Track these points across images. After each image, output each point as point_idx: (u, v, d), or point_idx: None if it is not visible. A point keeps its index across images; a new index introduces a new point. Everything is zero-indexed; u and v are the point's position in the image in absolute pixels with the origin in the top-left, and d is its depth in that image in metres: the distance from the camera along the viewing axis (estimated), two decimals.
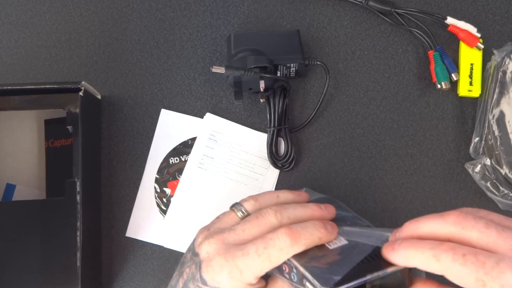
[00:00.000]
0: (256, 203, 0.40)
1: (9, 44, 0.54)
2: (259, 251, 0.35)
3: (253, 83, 0.49)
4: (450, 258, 0.30)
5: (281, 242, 0.35)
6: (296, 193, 0.42)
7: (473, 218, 0.31)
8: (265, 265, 0.35)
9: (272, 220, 0.37)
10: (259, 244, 0.35)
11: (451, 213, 0.32)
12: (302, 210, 0.38)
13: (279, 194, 0.41)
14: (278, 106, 0.50)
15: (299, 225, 0.36)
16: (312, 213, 0.39)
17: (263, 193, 0.41)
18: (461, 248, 0.30)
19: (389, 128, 0.52)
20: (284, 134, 0.50)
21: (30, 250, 0.43)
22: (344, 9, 0.54)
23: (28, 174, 0.50)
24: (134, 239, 0.50)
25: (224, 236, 0.37)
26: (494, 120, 0.48)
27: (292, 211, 0.38)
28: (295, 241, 0.35)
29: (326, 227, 0.37)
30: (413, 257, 0.31)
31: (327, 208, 0.40)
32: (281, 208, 0.38)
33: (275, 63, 0.49)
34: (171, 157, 0.52)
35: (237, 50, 0.50)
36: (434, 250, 0.31)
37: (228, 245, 0.36)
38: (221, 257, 0.36)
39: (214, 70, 0.48)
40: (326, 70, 0.51)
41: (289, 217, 0.37)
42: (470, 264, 0.29)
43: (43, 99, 0.45)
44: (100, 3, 0.54)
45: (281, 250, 0.35)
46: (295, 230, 0.35)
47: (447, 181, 0.51)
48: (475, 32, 0.51)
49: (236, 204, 0.40)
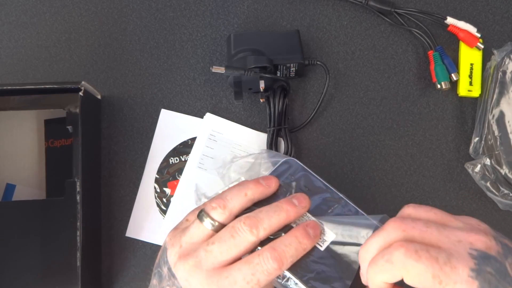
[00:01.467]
0: (224, 210, 0.36)
1: (9, 44, 0.54)
2: (246, 278, 0.34)
3: (253, 83, 0.49)
4: (403, 255, 0.30)
5: (269, 266, 0.34)
6: (264, 184, 0.38)
7: (412, 220, 0.32)
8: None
9: (249, 238, 0.35)
10: (245, 271, 0.34)
11: (388, 223, 0.32)
12: (277, 218, 0.36)
13: (247, 192, 0.37)
14: (278, 106, 0.50)
15: (282, 243, 0.35)
16: (287, 216, 0.36)
17: (228, 194, 0.37)
18: (411, 244, 0.30)
19: (389, 128, 0.52)
20: (284, 134, 0.50)
21: (30, 250, 0.43)
22: (344, 9, 0.54)
23: (28, 174, 0.50)
24: (134, 239, 0.50)
25: (200, 260, 0.35)
26: (494, 120, 0.48)
27: (267, 221, 0.35)
28: (282, 262, 0.34)
29: (308, 234, 0.36)
30: (376, 276, 0.31)
31: (300, 202, 0.37)
32: (256, 222, 0.35)
33: (275, 63, 0.49)
34: (171, 157, 0.52)
35: (237, 50, 0.50)
36: (386, 256, 0.31)
37: (208, 272, 0.35)
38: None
39: (214, 70, 0.48)
40: (326, 70, 0.51)
41: (265, 228, 0.35)
42: (425, 259, 0.29)
43: (43, 99, 0.45)
44: (100, 3, 0.54)
45: (270, 273, 0.34)
46: (280, 251, 0.34)
47: (447, 181, 0.51)
48: (475, 32, 0.51)
49: (203, 213, 0.37)
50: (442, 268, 0.29)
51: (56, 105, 0.45)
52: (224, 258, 0.35)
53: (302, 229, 0.36)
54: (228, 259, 0.35)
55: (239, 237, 0.35)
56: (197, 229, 0.37)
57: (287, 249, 0.35)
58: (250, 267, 0.34)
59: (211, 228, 0.36)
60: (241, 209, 0.37)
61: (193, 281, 0.35)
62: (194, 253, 0.36)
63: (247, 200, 0.37)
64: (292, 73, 0.51)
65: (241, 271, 0.34)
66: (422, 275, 0.29)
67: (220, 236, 0.36)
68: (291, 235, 0.36)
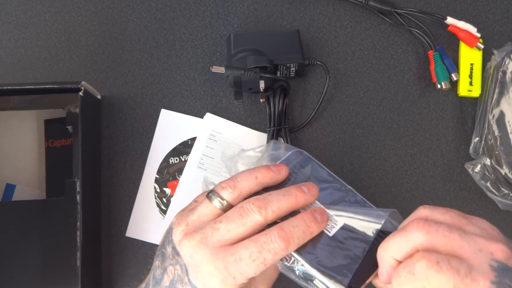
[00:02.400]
0: (234, 191, 0.37)
1: (9, 44, 0.54)
2: (253, 256, 0.34)
3: (253, 83, 0.49)
4: (424, 266, 0.31)
5: (275, 245, 0.34)
6: (275, 169, 0.39)
7: (435, 223, 0.32)
8: (260, 268, 0.34)
9: (257, 218, 0.35)
10: (252, 248, 0.34)
11: (412, 223, 0.33)
12: (286, 201, 0.36)
13: (257, 175, 0.38)
14: (278, 106, 0.50)
15: (290, 224, 0.35)
16: (296, 202, 0.37)
17: (239, 176, 0.38)
18: (433, 255, 0.31)
19: (389, 128, 0.52)
20: (284, 134, 0.50)
21: (30, 250, 0.43)
22: (344, 9, 0.54)
23: (28, 174, 0.50)
24: (134, 239, 0.50)
25: (207, 236, 0.35)
26: (494, 120, 0.48)
27: (276, 204, 0.36)
28: (289, 242, 0.34)
29: (316, 219, 0.36)
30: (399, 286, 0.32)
31: (309, 190, 0.38)
32: (265, 203, 0.35)
33: (275, 63, 0.49)
34: (171, 157, 0.52)
35: (237, 50, 0.50)
36: (408, 267, 0.31)
37: (214, 249, 0.35)
38: (210, 265, 0.34)
39: (214, 70, 0.48)
40: (326, 70, 0.51)
41: (274, 211, 0.35)
42: (446, 270, 0.30)
43: (43, 99, 0.45)
44: (100, 3, 0.54)
45: (276, 253, 0.34)
46: (287, 231, 0.34)
47: (447, 181, 0.51)
48: (475, 32, 0.51)
49: (212, 193, 0.37)
50: (463, 280, 0.30)
51: (56, 105, 0.45)
52: (231, 236, 0.35)
53: (310, 214, 0.36)
54: (235, 238, 0.35)
55: (247, 216, 0.35)
56: (205, 207, 0.37)
57: (294, 230, 0.35)
58: (257, 245, 0.34)
59: (219, 207, 0.37)
60: (251, 192, 0.37)
61: (197, 257, 0.35)
62: (200, 230, 0.36)
63: (257, 183, 0.38)
64: (292, 73, 0.51)
65: (247, 248, 0.34)
66: (443, 286, 0.30)
67: (228, 215, 0.36)
68: (299, 218, 0.36)
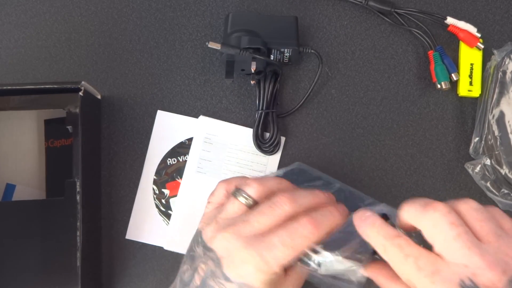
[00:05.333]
0: (260, 187, 0.38)
1: (9, 44, 0.54)
2: (284, 241, 0.35)
3: (245, 64, 0.50)
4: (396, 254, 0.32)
5: (305, 230, 0.35)
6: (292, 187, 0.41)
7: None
8: (291, 254, 0.35)
9: (287, 209, 0.36)
10: (283, 235, 0.35)
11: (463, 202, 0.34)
12: (311, 197, 0.38)
13: (281, 180, 0.40)
14: (268, 90, 0.50)
15: (318, 213, 0.36)
16: (319, 200, 0.39)
17: (264, 178, 0.40)
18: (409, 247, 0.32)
19: (389, 128, 0.52)
20: (271, 118, 0.51)
21: (30, 250, 0.43)
22: (344, 9, 0.54)
23: (28, 174, 0.50)
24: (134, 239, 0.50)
25: (238, 229, 0.36)
26: (494, 120, 0.48)
27: (304, 199, 0.37)
28: (317, 228, 0.35)
29: (339, 211, 0.38)
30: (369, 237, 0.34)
31: (329, 195, 0.40)
32: (295, 196, 0.37)
33: (269, 46, 0.49)
34: (168, 158, 0.52)
35: (233, 30, 0.50)
36: (386, 241, 0.33)
37: (247, 238, 0.36)
38: (243, 253, 0.35)
39: (210, 46, 0.48)
40: (319, 58, 0.51)
41: (302, 205, 0.37)
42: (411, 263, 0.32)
43: (43, 99, 0.45)
44: (100, 3, 0.54)
45: (306, 238, 0.35)
46: (316, 218, 0.36)
47: (447, 181, 0.51)
48: (475, 32, 0.51)
49: (239, 190, 0.39)
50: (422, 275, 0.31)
51: (56, 105, 0.45)
52: (261, 227, 0.36)
53: (333, 205, 0.38)
54: (265, 229, 0.36)
55: (278, 208, 0.36)
56: (232, 204, 0.38)
57: (323, 218, 0.36)
58: (288, 232, 0.35)
59: (246, 203, 0.38)
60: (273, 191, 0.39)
61: (231, 248, 0.36)
62: (232, 224, 0.37)
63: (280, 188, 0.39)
64: (286, 58, 0.51)
65: (279, 235, 0.35)
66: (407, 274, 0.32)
67: (258, 209, 0.37)
68: (324, 209, 0.37)
